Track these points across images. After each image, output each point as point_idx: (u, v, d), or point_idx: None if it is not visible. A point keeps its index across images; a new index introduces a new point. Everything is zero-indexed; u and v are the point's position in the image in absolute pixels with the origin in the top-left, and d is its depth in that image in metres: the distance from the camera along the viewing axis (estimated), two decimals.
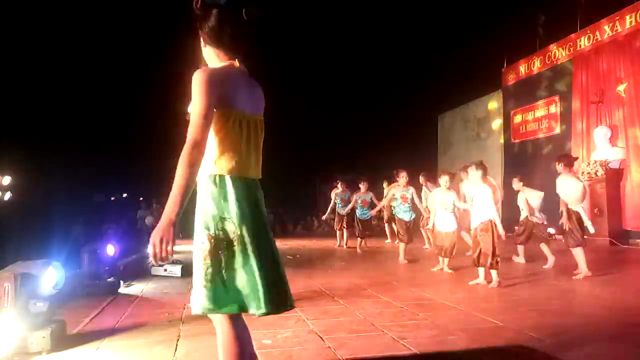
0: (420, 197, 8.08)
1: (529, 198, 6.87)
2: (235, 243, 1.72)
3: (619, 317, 3.78)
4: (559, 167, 5.82)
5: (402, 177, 7.55)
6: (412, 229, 7.63)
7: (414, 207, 7.67)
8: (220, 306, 1.70)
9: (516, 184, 7.06)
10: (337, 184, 10.37)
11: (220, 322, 1.77)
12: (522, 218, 7.03)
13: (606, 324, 3.59)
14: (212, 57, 1.90)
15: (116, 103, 16.38)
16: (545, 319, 3.70)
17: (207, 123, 1.70)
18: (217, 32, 1.82)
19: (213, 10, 1.79)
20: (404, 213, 7.53)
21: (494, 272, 5.12)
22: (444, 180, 6.47)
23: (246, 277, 1.71)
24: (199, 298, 1.70)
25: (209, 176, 1.77)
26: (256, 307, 1.70)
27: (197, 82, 1.71)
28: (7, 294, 2.95)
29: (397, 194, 7.60)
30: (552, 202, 6.42)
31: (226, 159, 1.76)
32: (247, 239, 1.72)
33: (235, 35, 1.84)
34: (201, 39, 1.90)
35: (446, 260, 6.33)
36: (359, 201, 9.45)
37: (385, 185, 10.68)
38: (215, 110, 1.73)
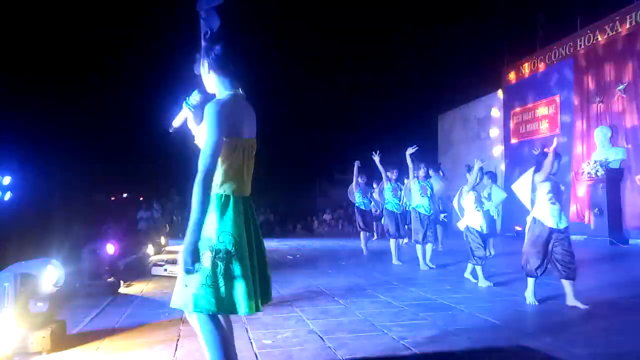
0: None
1: (494, 194, 7.22)
2: (233, 253, 1.93)
3: (619, 317, 3.78)
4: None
5: (421, 167, 6.88)
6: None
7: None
8: (215, 308, 1.90)
9: (486, 181, 7.12)
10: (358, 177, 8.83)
11: (203, 322, 1.97)
12: None
13: (606, 324, 3.60)
14: (216, 83, 2.07)
15: (116, 103, 16.39)
16: (545, 319, 3.70)
17: (218, 153, 1.91)
18: (223, 61, 2.02)
19: (221, 41, 2.01)
20: (423, 208, 6.81)
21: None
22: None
23: (238, 283, 1.92)
24: (198, 299, 1.90)
25: (216, 195, 1.97)
26: (242, 309, 1.91)
27: (211, 114, 1.90)
28: (7, 294, 2.95)
29: (416, 186, 6.83)
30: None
31: (232, 181, 1.98)
32: (241, 251, 1.94)
33: (238, 62, 2.05)
34: (205, 65, 2.05)
35: (480, 267, 5.33)
36: (391, 191, 7.68)
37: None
38: (225, 138, 1.93)
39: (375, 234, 10.03)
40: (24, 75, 14.37)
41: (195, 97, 2.26)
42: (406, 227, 8.00)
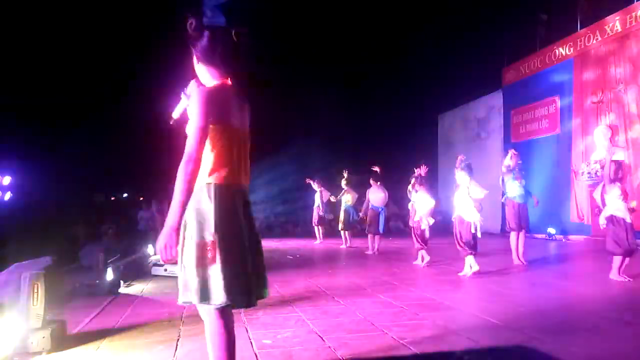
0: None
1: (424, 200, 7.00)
2: (216, 244, 1.90)
3: (619, 317, 3.79)
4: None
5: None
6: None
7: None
8: (203, 299, 1.90)
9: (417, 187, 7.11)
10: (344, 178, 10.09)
11: (208, 313, 1.96)
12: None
13: (606, 324, 3.59)
14: (204, 74, 2.07)
15: (116, 103, 16.39)
16: (545, 319, 3.70)
17: (204, 137, 1.89)
18: (208, 52, 2.02)
19: (205, 31, 1.97)
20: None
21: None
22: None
23: (217, 273, 1.89)
24: (186, 291, 1.94)
25: (204, 185, 1.94)
26: (217, 299, 1.88)
27: (196, 100, 1.89)
28: (37, 292, 2.99)
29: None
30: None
31: (220, 169, 1.96)
32: (223, 241, 1.90)
33: (225, 55, 2.02)
34: (194, 57, 2.06)
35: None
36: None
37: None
38: (211, 125, 1.92)
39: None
40: (24, 75, 14.37)
41: (192, 87, 2.22)
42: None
